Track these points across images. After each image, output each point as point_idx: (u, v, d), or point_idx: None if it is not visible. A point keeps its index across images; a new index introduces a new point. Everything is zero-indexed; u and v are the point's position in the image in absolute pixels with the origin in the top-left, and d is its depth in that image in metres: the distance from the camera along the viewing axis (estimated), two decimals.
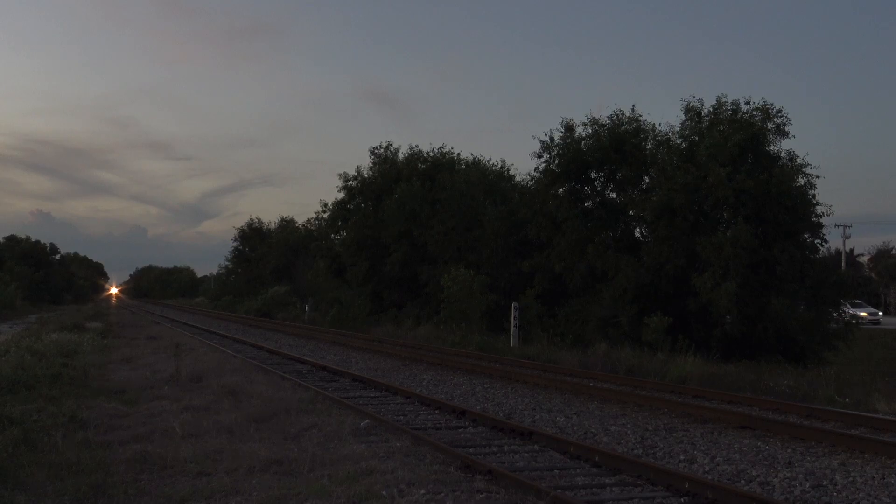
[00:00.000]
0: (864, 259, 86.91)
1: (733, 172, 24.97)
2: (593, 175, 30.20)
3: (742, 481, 8.80)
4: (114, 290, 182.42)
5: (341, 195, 48.63)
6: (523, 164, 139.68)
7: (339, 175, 47.90)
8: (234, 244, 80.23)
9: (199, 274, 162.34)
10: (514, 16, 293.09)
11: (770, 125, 26.60)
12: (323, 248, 52.21)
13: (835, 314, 26.20)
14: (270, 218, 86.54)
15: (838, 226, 72.52)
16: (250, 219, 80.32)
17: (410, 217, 39.83)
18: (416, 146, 50.01)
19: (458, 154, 44.39)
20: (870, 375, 18.89)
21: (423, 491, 7.61)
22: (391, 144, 47.53)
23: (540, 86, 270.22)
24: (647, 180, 28.93)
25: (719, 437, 11.31)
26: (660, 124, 30.14)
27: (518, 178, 38.36)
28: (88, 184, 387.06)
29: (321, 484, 7.92)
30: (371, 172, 46.66)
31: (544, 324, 28.41)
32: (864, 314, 53.44)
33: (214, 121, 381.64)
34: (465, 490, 7.75)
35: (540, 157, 30.76)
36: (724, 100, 27.59)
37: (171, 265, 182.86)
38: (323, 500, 7.45)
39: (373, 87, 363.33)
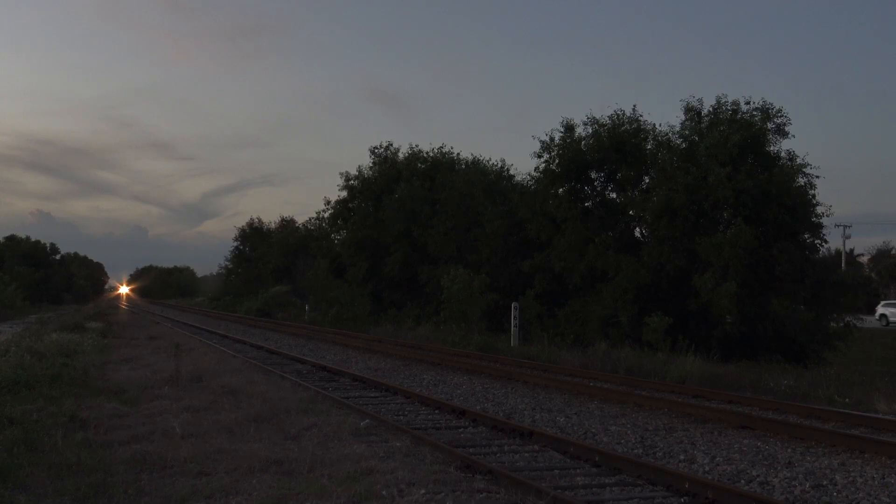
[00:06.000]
0: (864, 259, 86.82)
1: (733, 172, 24.96)
2: (593, 175, 30.17)
3: (742, 481, 8.80)
4: (124, 290, 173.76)
5: (343, 194, 48.73)
6: (523, 164, 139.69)
7: (341, 174, 48.04)
8: (235, 244, 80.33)
9: (200, 274, 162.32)
10: (515, 16, 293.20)
11: (770, 125, 26.60)
12: (323, 248, 52.23)
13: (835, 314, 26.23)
14: (271, 218, 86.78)
15: (838, 226, 72.57)
16: (251, 219, 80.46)
17: (410, 217, 39.82)
18: (416, 146, 50.06)
19: (458, 154, 44.42)
20: (870, 375, 18.89)
21: (423, 491, 7.61)
22: (391, 144, 47.59)
23: (540, 86, 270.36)
24: (648, 180, 28.92)
25: (719, 437, 11.31)
26: (660, 124, 30.15)
27: (518, 178, 38.36)
28: (89, 184, 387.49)
29: (321, 484, 7.92)
30: (371, 172, 46.67)
31: (544, 324, 28.39)
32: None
33: (216, 120, 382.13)
34: (466, 490, 7.75)
35: (540, 157, 30.76)
36: (723, 100, 27.63)
37: (171, 265, 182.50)
38: (323, 500, 7.45)
39: (374, 88, 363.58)
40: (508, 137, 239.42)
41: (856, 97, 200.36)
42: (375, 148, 47.21)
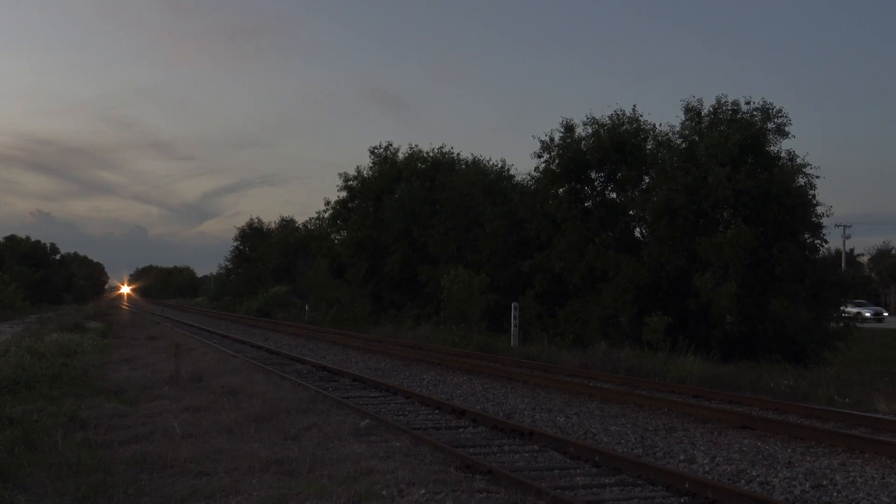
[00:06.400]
0: (864, 259, 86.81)
1: (733, 172, 24.96)
2: (593, 175, 30.16)
3: (742, 481, 8.80)
4: (125, 290, 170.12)
5: (342, 195, 48.71)
6: (523, 164, 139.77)
7: (340, 175, 48.00)
8: (235, 244, 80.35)
9: (200, 274, 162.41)
10: (515, 16, 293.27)
11: (770, 125, 26.58)
12: (323, 248, 52.25)
13: (835, 314, 26.22)
14: (271, 218, 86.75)
15: (838, 226, 72.55)
16: (250, 219, 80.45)
17: (410, 217, 39.81)
18: (416, 146, 50.05)
19: (458, 154, 44.37)
20: (870, 375, 18.90)
21: (423, 491, 7.61)
22: (391, 144, 47.55)
23: (540, 86, 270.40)
24: (648, 180, 28.91)
25: (719, 437, 11.31)
26: (660, 124, 30.08)
27: (518, 178, 38.34)
28: (89, 184, 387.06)
29: (321, 484, 7.92)
30: (371, 172, 46.66)
31: (544, 324, 28.40)
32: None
33: (216, 120, 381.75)
34: (466, 490, 7.76)
35: (540, 157, 30.76)
36: (724, 100, 27.60)
37: (171, 265, 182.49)
38: (323, 500, 7.45)
39: (374, 88, 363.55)
40: (508, 137, 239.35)
41: (856, 97, 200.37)
42: (375, 148, 47.23)
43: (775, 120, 26.63)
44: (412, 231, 39.49)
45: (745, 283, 24.37)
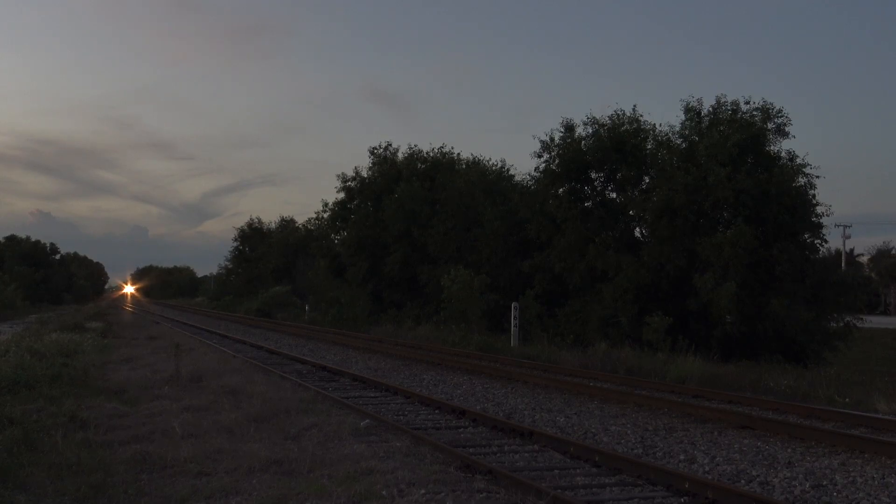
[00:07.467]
0: (864, 259, 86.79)
1: (733, 172, 24.96)
2: (593, 175, 30.14)
3: (742, 481, 8.80)
4: (129, 289, 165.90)
5: (341, 196, 48.67)
6: (523, 164, 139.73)
7: (338, 176, 47.92)
8: (235, 244, 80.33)
9: (200, 274, 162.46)
10: (516, 16, 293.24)
11: (770, 125, 26.56)
12: (323, 248, 52.22)
13: (835, 314, 26.23)
14: (271, 218, 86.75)
15: (838, 226, 72.52)
16: (250, 219, 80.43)
17: (410, 217, 39.79)
18: (416, 146, 50.00)
19: (458, 154, 44.28)
20: (870, 375, 18.89)
21: (423, 491, 7.61)
22: (390, 144, 47.43)
23: (540, 86, 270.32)
24: (648, 180, 28.89)
25: (719, 437, 11.31)
26: (660, 124, 30.05)
27: (518, 178, 38.28)
28: (90, 184, 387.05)
29: (321, 484, 7.92)
30: (370, 172, 46.61)
31: (544, 324, 28.39)
32: None
33: (216, 120, 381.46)
34: (465, 490, 7.75)
35: (540, 156, 30.72)
36: (723, 100, 27.57)
37: (171, 265, 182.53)
38: (323, 500, 7.45)
39: (374, 88, 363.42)
40: (508, 137, 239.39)
41: (856, 97, 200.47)
42: (375, 148, 47.13)
43: (775, 120, 26.62)
44: (412, 231, 39.48)
45: (745, 283, 24.37)
